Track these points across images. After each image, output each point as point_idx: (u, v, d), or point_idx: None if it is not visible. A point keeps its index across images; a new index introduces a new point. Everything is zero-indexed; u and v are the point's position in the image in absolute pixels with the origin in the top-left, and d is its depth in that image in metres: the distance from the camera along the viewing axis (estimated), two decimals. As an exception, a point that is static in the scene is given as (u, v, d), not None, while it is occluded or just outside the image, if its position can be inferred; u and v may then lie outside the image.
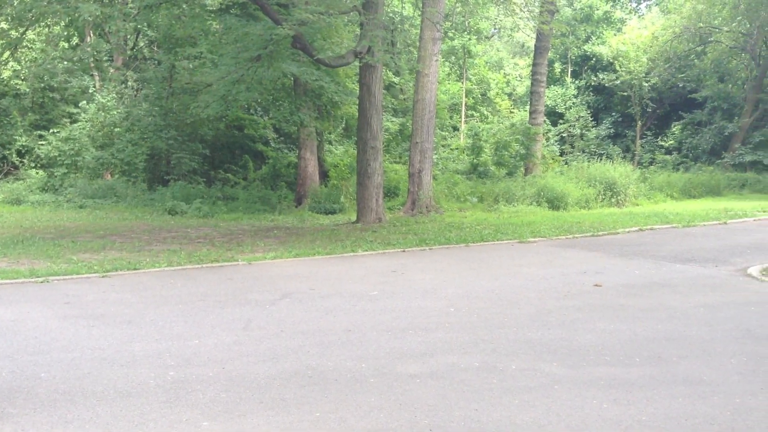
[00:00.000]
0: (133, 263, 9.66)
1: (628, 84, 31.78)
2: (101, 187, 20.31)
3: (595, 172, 22.12)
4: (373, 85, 15.40)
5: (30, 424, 3.96)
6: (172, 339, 5.84)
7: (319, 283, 8.47)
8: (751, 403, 4.32)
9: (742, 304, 7.26)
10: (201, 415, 4.12)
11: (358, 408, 4.23)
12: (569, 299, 7.57)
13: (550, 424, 3.99)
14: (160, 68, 22.55)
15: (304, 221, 17.04)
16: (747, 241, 12.39)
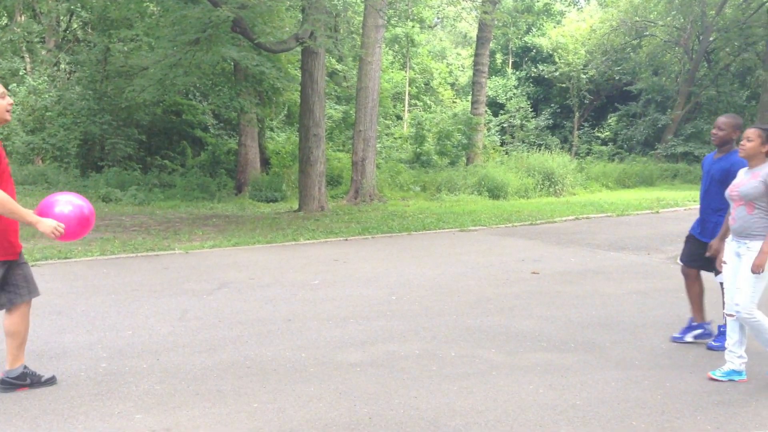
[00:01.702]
0: (63, 252, 9.35)
1: (566, 76, 32.42)
2: (32, 173, 19.53)
3: (534, 162, 22.53)
4: (315, 71, 15.25)
5: (-50, 421, 3.77)
6: (104, 330, 5.66)
7: (259, 273, 8.36)
8: (680, 387, 4.46)
9: (673, 291, 7.50)
10: (134, 408, 4.00)
11: (297, 398, 4.19)
12: (508, 287, 7.68)
13: (488, 409, 4.03)
14: (94, 50, 21.79)
15: (245, 209, 16.80)
16: (678, 229, 12.83)
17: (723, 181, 5.23)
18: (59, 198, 4.31)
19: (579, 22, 34.90)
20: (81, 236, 4.40)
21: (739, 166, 5.07)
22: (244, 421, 3.83)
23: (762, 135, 4.59)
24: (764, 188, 4.49)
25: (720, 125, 5.31)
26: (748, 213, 4.55)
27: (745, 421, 3.91)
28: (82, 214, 4.29)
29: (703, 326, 5.53)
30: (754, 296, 4.49)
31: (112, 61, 21.29)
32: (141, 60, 15.88)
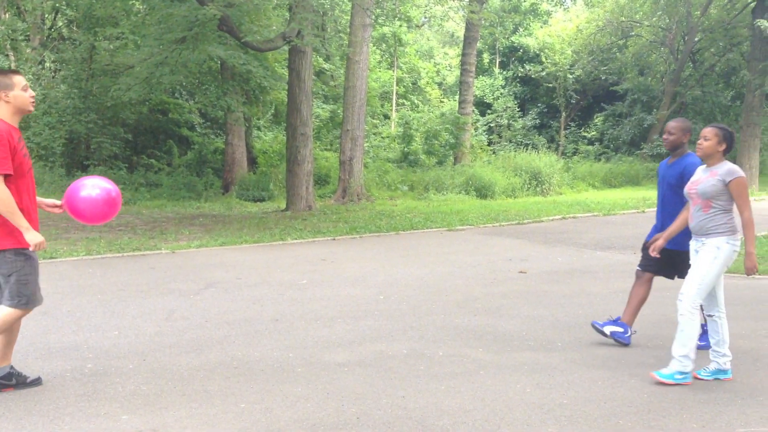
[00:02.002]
0: (49, 252, 9.27)
1: (553, 76, 32.52)
2: (16, 172, 19.35)
3: (522, 162, 22.60)
4: (302, 70, 15.22)
5: (-67, 423, 3.73)
6: (90, 330, 5.62)
7: (246, 272, 8.33)
8: (666, 386, 4.49)
9: (659, 290, 7.52)
10: (120, 409, 3.98)
11: (284, 398, 4.18)
12: (495, 286, 7.71)
13: (475, 409, 4.04)
14: (80, 49, 21.60)
15: (232, 209, 16.74)
16: (663, 229, 12.90)
17: (678, 185, 5.23)
18: (86, 182, 4.39)
19: (565, 22, 35.04)
20: (109, 218, 4.49)
21: (692, 168, 5.11)
22: (231, 421, 3.82)
23: (719, 134, 4.62)
24: (722, 186, 4.52)
25: (670, 129, 5.32)
26: (704, 212, 4.58)
27: (730, 419, 3.94)
28: (109, 196, 4.38)
29: (626, 327, 5.42)
30: (700, 291, 4.52)
31: (98, 59, 21.11)
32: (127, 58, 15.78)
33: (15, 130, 4.15)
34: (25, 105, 4.20)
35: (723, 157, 4.67)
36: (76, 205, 4.36)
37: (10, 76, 4.18)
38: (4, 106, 4.15)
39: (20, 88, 4.17)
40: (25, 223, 4.04)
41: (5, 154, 3.98)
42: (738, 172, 4.54)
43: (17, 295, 4.13)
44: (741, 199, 4.53)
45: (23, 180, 4.13)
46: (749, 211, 4.53)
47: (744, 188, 4.54)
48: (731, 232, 4.57)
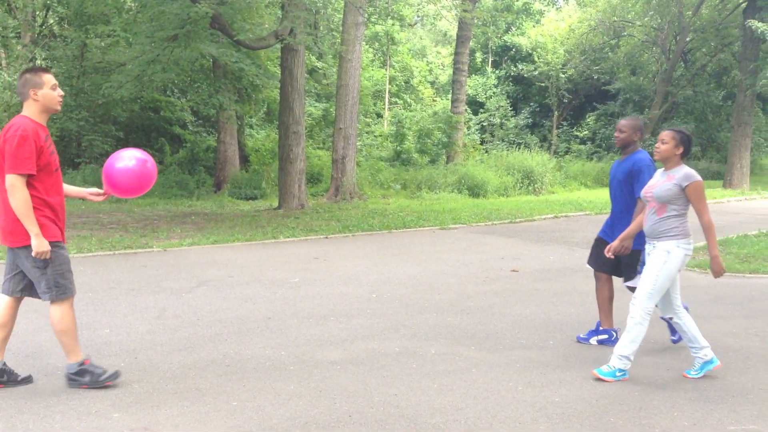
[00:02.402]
0: (40, 250, 9.21)
1: (545, 75, 32.57)
2: (7, 169, 19.24)
3: (514, 161, 22.63)
4: (295, 68, 15.19)
5: None
6: (81, 328, 5.57)
7: (239, 271, 8.32)
8: (658, 384, 4.51)
9: (650, 288, 7.57)
10: (111, 407, 3.96)
11: (276, 396, 4.17)
12: (487, 284, 7.72)
13: (467, 407, 4.04)
14: (71, 46, 21.48)
15: (224, 207, 16.70)
16: (655, 227, 12.96)
17: (627, 182, 5.26)
18: (123, 154, 4.45)
19: (558, 21, 35.10)
20: (146, 189, 4.56)
21: (641, 164, 5.15)
22: (223, 419, 3.81)
23: (676, 137, 4.62)
24: (678, 191, 4.52)
25: (620, 128, 5.34)
26: (659, 216, 4.58)
27: (722, 416, 3.96)
28: (145, 167, 4.44)
29: (609, 332, 5.44)
30: (652, 296, 4.52)
31: (89, 57, 21.01)
32: (118, 56, 15.72)
33: (42, 129, 4.17)
34: (53, 104, 4.23)
35: (681, 161, 4.66)
36: (115, 179, 4.41)
37: (41, 75, 4.19)
38: (33, 105, 4.18)
39: (49, 87, 4.19)
40: (36, 229, 4.05)
41: (29, 155, 4.01)
42: (694, 176, 4.53)
43: (55, 286, 4.18)
44: (699, 203, 4.52)
45: (51, 178, 4.17)
46: (708, 214, 4.51)
47: (701, 192, 4.52)
48: (683, 236, 4.56)
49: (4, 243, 4.21)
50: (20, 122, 4.09)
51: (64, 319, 4.21)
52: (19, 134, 4.00)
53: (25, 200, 4.00)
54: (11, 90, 21.20)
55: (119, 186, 4.44)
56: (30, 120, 4.13)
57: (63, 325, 4.21)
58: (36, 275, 4.17)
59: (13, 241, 4.14)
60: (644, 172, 5.13)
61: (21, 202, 4.00)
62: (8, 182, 3.99)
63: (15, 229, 4.10)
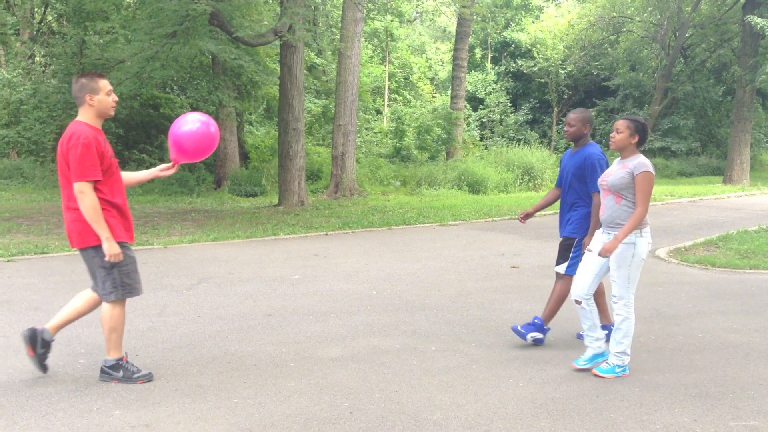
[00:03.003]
0: (40, 247, 9.22)
1: (545, 71, 32.55)
2: (7, 167, 19.23)
3: (514, 157, 22.61)
4: (294, 65, 15.18)
5: (-76, 419, 3.71)
6: (81, 326, 5.59)
7: (239, 267, 8.32)
8: (658, 380, 4.52)
9: (650, 285, 7.59)
10: (113, 404, 3.97)
11: (277, 393, 4.18)
12: (487, 281, 7.72)
13: (468, 403, 4.05)
14: (70, 43, 21.45)
15: (224, 204, 16.70)
16: (655, 224, 12.96)
17: (577, 176, 5.25)
18: (187, 118, 4.54)
19: (557, 17, 35.06)
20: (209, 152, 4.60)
21: (593, 158, 5.15)
22: (225, 416, 3.82)
23: (630, 126, 4.60)
24: (631, 179, 4.50)
25: (570, 121, 5.33)
26: (617, 203, 4.57)
27: (722, 413, 3.96)
28: (208, 131, 4.49)
29: (544, 331, 5.34)
30: (630, 286, 4.53)
31: (88, 54, 20.96)
32: (117, 53, 15.66)
33: (100, 133, 4.25)
34: (108, 110, 4.31)
35: (636, 150, 4.64)
36: (182, 144, 4.46)
37: (97, 80, 4.27)
38: (88, 110, 4.26)
39: (105, 93, 4.27)
40: (107, 233, 4.15)
41: (93, 161, 4.09)
42: (646, 166, 4.51)
43: (121, 286, 4.27)
44: (641, 192, 4.49)
45: (113, 179, 4.27)
46: (644, 208, 4.47)
47: (647, 184, 4.48)
48: (643, 225, 4.55)
49: (72, 245, 4.32)
50: (80, 129, 4.16)
51: (117, 318, 4.31)
52: (81, 142, 4.09)
53: (94, 206, 4.11)
54: (10, 87, 21.19)
55: (187, 150, 4.49)
56: (87, 126, 4.22)
57: (114, 322, 4.30)
58: (102, 275, 4.26)
59: (79, 242, 4.25)
60: (596, 168, 5.13)
61: (90, 208, 4.10)
62: (77, 189, 4.09)
63: (80, 230, 4.21)
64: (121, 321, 4.34)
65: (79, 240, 4.24)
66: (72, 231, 4.25)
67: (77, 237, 4.24)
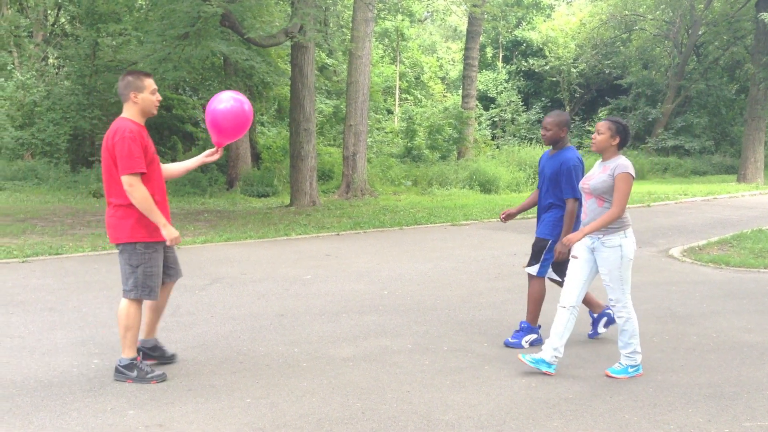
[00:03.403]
0: (55, 248, 9.29)
1: (557, 70, 32.44)
2: (21, 168, 19.37)
3: (526, 156, 22.53)
4: (305, 66, 15.20)
5: (-59, 419, 3.75)
6: (96, 326, 5.64)
7: (251, 268, 8.35)
8: (672, 380, 4.49)
9: (664, 284, 7.54)
10: (127, 404, 3.99)
11: (290, 393, 4.19)
12: (500, 281, 7.70)
13: (480, 403, 4.04)
14: (83, 45, 21.60)
15: (236, 204, 16.75)
16: (669, 223, 12.89)
17: (553, 179, 5.23)
18: (221, 96, 4.63)
19: (569, 15, 34.93)
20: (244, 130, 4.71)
21: (569, 163, 5.13)
22: (237, 416, 3.83)
23: (612, 128, 4.55)
24: (612, 182, 4.45)
25: (546, 125, 5.31)
26: (599, 206, 4.52)
27: (737, 413, 3.94)
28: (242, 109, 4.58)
29: (536, 330, 5.37)
30: (624, 287, 4.50)
31: (101, 55, 21.11)
32: (130, 54, 15.76)
33: (143, 129, 4.36)
34: (151, 108, 4.42)
35: (617, 152, 4.59)
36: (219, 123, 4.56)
37: (143, 79, 4.39)
38: (132, 107, 4.38)
39: (149, 92, 4.38)
40: (162, 219, 4.29)
41: (139, 154, 4.21)
42: (627, 168, 4.45)
43: (142, 286, 4.35)
44: (618, 192, 4.44)
45: (156, 174, 4.38)
46: (620, 209, 4.41)
47: (625, 185, 4.43)
48: (626, 226, 4.52)
49: (110, 241, 4.45)
50: (124, 125, 4.28)
51: (133, 317, 4.38)
52: (127, 136, 4.21)
53: (145, 196, 4.22)
54: (24, 89, 21.36)
55: (225, 129, 4.58)
56: (131, 121, 4.33)
57: (130, 321, 4.37)
58: (127, 272, 4.37)
59: (113, 237, 4.39)
60: (571, 174, 5.11)
61: (142, 198, 4.22)
62: (126, 183, 4.20)
63: (114, 225, 4.36)
64: (137, 321, 4.39)
65: (112, 235, 4.38)
66: (108, 226, 4.41)
67: (111, 232, 4.38)
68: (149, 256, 4.34)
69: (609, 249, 4.48)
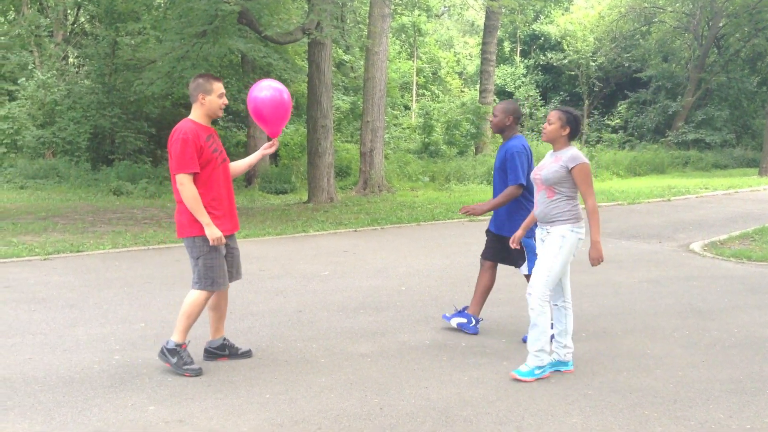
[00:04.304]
0: (76, 245, 9.40)
1: (575, 63, 32.21)
2: (43, 167, 19.61)
3: (544, 151, 22.31)
4: (322, 62, 15.22)
5: (-34, 414, 3.81)
6: (117, 322, 5.70)
7: (270, 264, 8.39)
8: (692, 376, 4.45)
9: (685, 279, 7.47)
10: (147, 400, 4.03)
11: (308, 388, 4.21)
12: (518, 276, 7.63)
13: (498, 399, 4.03)
14: (102, 44, 21.80)
15: (254, 201, 16.84)
16: (689, 217, 12.76)
17: (501, 169, 5.21)
18: (262, 84, 4.77)
19: (587, 8, 34.64)
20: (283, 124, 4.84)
21: (513, 150, 5.10)
22: (256, 411, 3.86)
23: (562, 118, 4.45)
24: (565, 173, 4.36)
25: (494, 112, 5.30)
26: (549, 198, 4.42)
27: (758, 409, 3.89)
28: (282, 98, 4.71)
29: (471, 318, 5.40)
30: (548, 283, 4.37)
31: (120, 54, 21.29)
32: (149, 53, 15.89)
33: (204, 130, 4.48)
34: (216, 111, 4.57)
35: (568, 142, 4.50)
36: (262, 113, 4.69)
37: (212, 82, 4.54)
38: (199, 108, 4.54)
39: (217, 95, 4.54)
40: (207, 219, 4.43)
41: (191, 155, 4.35)
42: (580, 158, 4.36)
43: (204, 277, 4.50)
44: (584, 185, 4.35)
45: (216, 172, 4.51)
46: (593, 198, 4.34)
47: (586, 175, 4.34)
48: (575, 219, 4.41)
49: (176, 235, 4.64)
50: (183, 126, 4.45)
51: (195, 306, 4.51)
52: (180, 137, 4.37)
53: (193, 195, 4.38)
54: (45, 88, 21.60)
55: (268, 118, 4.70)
56: (193, 123, 4.49)
57: (191, 309, 4.50)
58: (192, 264, 4.58)
59: (178, 232, 4.58)
60: (515, 161, 5.08)
61: (190, 197, 4.38)
62: (178, 181, 4.39)
63: (179, 221, 4.54)
64: (197, 310, 4.52)
65: (178, 230, 4.58)
66: (176, 221, 4.59)
67: (177, 228, 4.57)
68: (208, 249, 4.48)
69: (552, 237, 4.38)
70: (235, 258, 4.79)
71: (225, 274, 4.59)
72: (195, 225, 4.46)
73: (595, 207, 4.36)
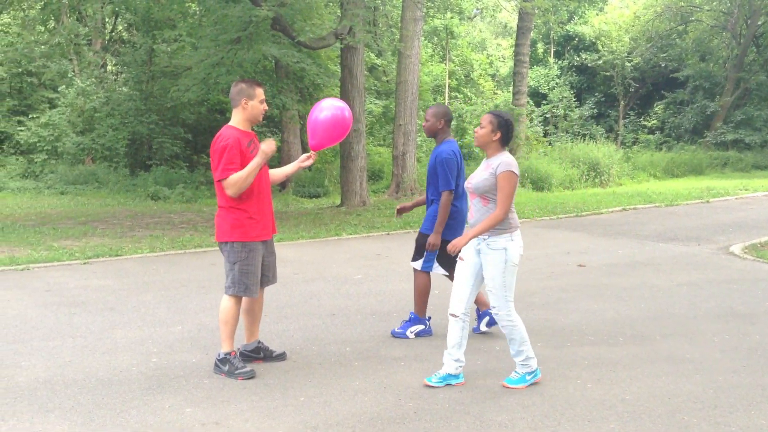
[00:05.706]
0: (115, 249, 9.57)
1: (610, 64, 31.78)
2: (82, 173, 20.04)
3: (579, 153, 22.16)
4: (354, 67, 15.28)
5: (10, 414, 3.90)
6: (154, 325, 5.79)
7: (303, 267, 8.43)
8: (733, 381, 4.35)
9: (725, 282, 7.32)
10: (184, 402, 4.08)
11: (342, 392, 4.22)
12: (553, 280, 7.59)
13: (534, 404, 3.99)
14: (139, 51, 22.20)
15: (288, 205, 16.96)
16: (729, 219, 12.50)
17: (432, 173, 5.19)
18: (323, 105, 4.78)
19: (622, 8, 34.18)
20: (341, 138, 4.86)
21: (442, 155, 5.11)
22: (291, 414, 3.88)
23: (493, 122, 4.29)
24: (495, 180, 4.20)
25: (426, 115, 5.27)
26: (484, 206, 4.27)
27: (803, 415, 3.79)
28: (343, 116, 4.73)
29: (423, 321, 5.45)
30: (507, 293, 4.26)
31: (157, 61, 21.66)
32: (184, 60, 16.11)
33: (245, 136, 4.56)
34: (257, 116, 4.67)
35: (501, 148, 4.34)
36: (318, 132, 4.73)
37: (255, 88, 4.64)
38: (241, 113, 4.63)
39: (258, 100, 4.63)
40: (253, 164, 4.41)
41: (232, 161, 4.41)
42: (510, 165, 4.20)
43: (238, 283, 4.55)
44: (502, 192, 4.17)
45: (255, 177, 4.49)
46: (504, 210, 4.15)
47: (508, 183, 4.17)
48: (513, 228, 4.29)
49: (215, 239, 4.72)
50: (224, 133, 4.54)
51: (230, 312, 4.57)
52: (221, 144, 4.46)
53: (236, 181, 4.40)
54: (84, 96, 22.07)
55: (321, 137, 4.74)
56: (234, 129, 4.56)
57: (226, 315, 4.57)
58: (227, 269, 4.62)
59: (216, 235, 4.65)
60: (444, 165, 5.10)
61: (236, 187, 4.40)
62: (224, 186, 4.45)
63: (218, 225, 4.61)
64: (233, 316, 4.57)
65: (217, 234, 4.63)
66: (216, 225, 4.65)
67: (217, 232, 4.63)
68: (246, 255, 4.51)
69: (493, 252, 4.24)
70: (271, 262, 4.82)
71: (258, 282, 4.62)
72: (235, 231, 4.51)
73: (498, 218, 4.18)
